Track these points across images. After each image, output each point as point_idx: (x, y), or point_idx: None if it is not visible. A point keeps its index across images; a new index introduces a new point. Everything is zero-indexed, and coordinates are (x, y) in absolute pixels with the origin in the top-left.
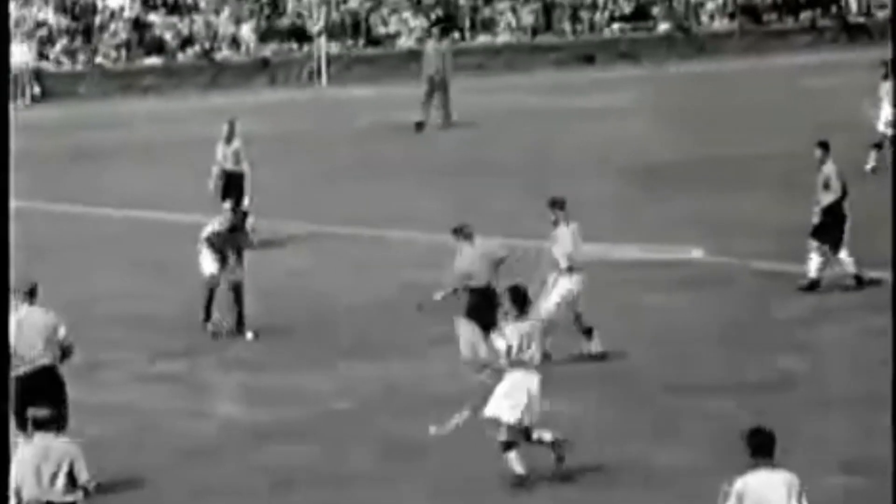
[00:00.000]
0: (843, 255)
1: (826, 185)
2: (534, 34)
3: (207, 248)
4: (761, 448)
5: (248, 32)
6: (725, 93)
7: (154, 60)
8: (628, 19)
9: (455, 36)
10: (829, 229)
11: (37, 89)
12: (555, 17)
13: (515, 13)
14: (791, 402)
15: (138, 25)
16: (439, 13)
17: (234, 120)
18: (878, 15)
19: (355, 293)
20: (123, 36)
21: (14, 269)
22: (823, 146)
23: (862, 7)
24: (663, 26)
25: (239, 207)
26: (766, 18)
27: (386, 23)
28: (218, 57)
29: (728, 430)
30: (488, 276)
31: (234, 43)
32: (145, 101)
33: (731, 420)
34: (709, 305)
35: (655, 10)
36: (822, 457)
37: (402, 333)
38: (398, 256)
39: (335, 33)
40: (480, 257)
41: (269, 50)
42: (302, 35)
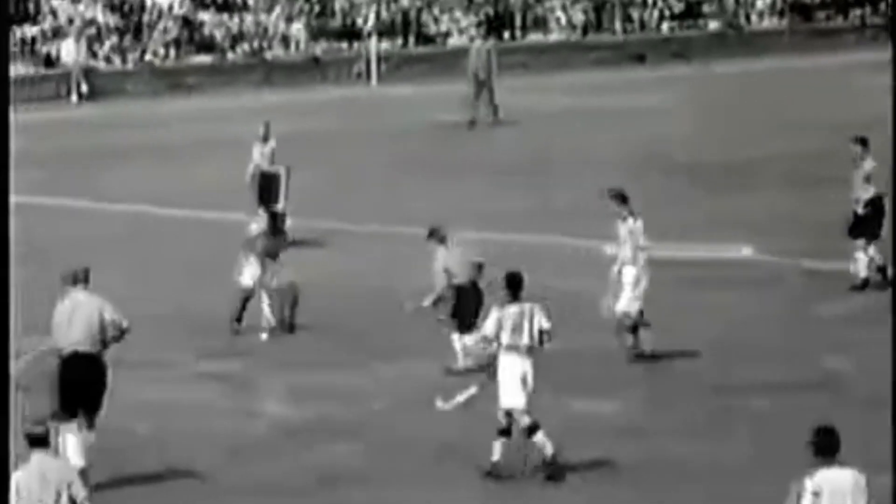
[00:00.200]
0: (872, 250)
1: (867, 180)
2: (584, 33)
3: (250, 253)
4: (829, 447)
5: (300, 30)
6: (774, 91)
7: (204, 59)
8: (679, 18)
9: (505, 35)
10: (869, 223)
11: (85, 87)
12: (605, 15)
13: (566, 11)
14: (836, 402)
15: (188, 23)
16: (490, 11)
17: (268, 121)
18: None
19: (406, 292)
20: (173, 34)
21: (64, 263)
22: (862, 142)
23: None
24: (713, 25)
25: (275, 209)
26: (815, 17)
27: (437, 21)
28: (268, 55)
29: (775, 428)
30: (470, 275)
31: (285, 41)
32: (194, 99)
33: (778, 419)
34: (757, 304)
35: (706, 9)
36: (868, 457)
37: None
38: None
39: (386, 32)
40: (459, 256)
41: (320, 48)
42: (352, 33)
